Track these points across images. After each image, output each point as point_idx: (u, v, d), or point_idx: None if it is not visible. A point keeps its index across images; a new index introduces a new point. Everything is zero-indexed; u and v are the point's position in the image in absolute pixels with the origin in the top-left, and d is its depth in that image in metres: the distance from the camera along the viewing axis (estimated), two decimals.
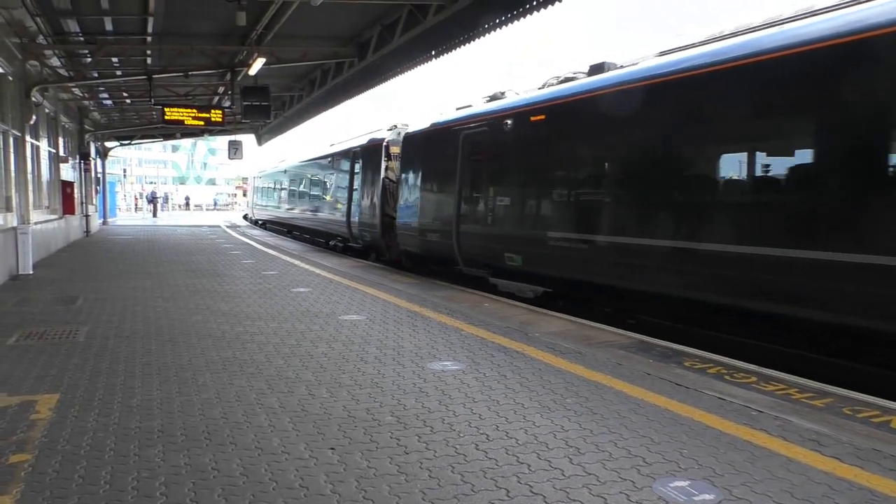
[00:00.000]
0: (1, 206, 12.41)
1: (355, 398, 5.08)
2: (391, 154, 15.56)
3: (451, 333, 7.43)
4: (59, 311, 8.79)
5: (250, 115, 18.11)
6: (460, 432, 4.39)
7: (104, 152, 32.64)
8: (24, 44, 14.12)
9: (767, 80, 6.52)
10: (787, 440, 4.22)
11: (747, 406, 4.87)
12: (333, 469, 3.80)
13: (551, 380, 5.61)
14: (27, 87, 14.53)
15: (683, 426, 4.48)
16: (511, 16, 11.30)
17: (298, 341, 7.00)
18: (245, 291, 10.51)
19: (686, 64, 7.57)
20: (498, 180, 10.80)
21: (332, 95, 20.57)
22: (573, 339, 7.15)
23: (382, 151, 15.84)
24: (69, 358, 6.26)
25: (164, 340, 7.04)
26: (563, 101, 9.51)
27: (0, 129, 12.71)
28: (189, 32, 15.35)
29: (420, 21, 12.92)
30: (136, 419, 4.59)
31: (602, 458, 3.96)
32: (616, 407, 4.89)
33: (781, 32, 6.57)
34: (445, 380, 5.59)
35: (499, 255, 10.57)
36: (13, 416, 4.64)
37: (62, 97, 20.73)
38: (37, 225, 14.83)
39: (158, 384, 5.43)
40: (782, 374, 5.75)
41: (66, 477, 3.67)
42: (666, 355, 6.44)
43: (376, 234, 15.86)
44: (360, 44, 16.17)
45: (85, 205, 24.57)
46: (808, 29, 6.26)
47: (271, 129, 31.42)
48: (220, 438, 4.25)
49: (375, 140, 16.55)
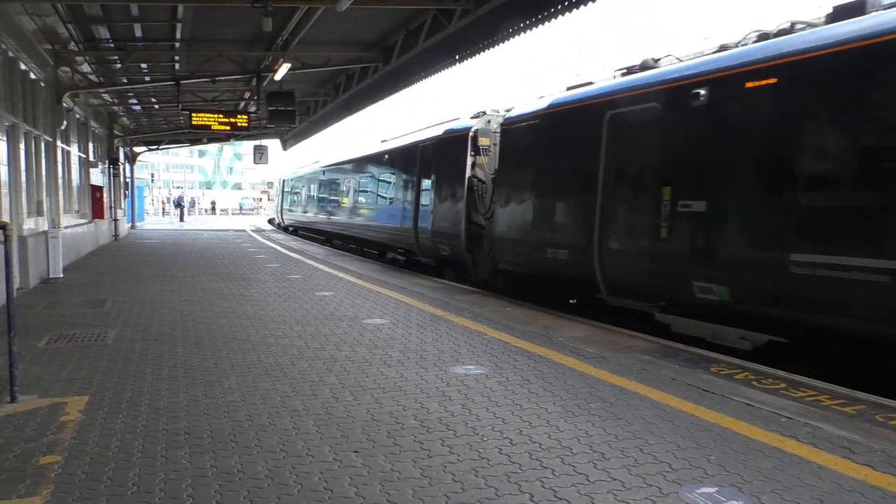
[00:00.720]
0: (32, 211, 12.66)
1: (379, 401, 5.09)
2: (479, 147, 12.55)
3: (474, 337, 7.42)
4: (88, 314, 8.93)
5: (275, 120, 18.29)
6: (483, 436, 4.37)
7: (132, 157, 33.14)
8: (56, 50, 14.43)
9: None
10: (817, 447, 4.15)
11: (776, 412, 4.79)
12: (357, 472, 3.81)
13: (575, 384, 5.57)
14: (58, 93, 14.83)
15: (710, 432, 4.42)
16: (536, 19, 11.23)
17: (322, 344, 7.03)
18: (270, 295, 10.59)
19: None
20: (683, 175, 7.62)
21: (357, 100, 20.68)
22: (597, 344, 7.10)
23: (468, 144, 12.64)
24: (98, 361, 6.35)
25: (191, 343, 7.11)
26: (815, 54, 6.29)
27: (32, 134, 12.97)
28: (216, 38, 15.56)
29: (444, 26, 12.95)
30: (163, 421, 4.64)
31: (627, 464, 3.92)
32: (641, 412, 4.84)
33: None
34: (468, 384, 5.58)
35: (681, 281, 7.43)
36: (44, 417, 4.72)
37: (92, 103, 21.10)
38: (67, 229, 15.10)
39: (185, 387, 5.49)
40: (812, 381, 5.66)
41: (94, 478, 3.71)
42: (692, 361, 6.36)
43: (458, 247, 12.77)
44: (385, 48, 16.25)
45: (114, 209, 24.96)
46: None
47: (296, 133, 31.68)
48: (246, 441, 4.28)
49: (456, 131, 13.48)
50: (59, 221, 14.55)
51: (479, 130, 12.62)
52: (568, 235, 9.52)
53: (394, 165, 17.01)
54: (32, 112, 13.08)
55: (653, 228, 7.84)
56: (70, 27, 13.79)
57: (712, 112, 7.25)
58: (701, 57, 7.94)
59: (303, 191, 30.18)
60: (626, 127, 8.49)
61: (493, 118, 12.57)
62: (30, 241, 11.44)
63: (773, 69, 6.62)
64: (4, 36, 10.64)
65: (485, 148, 12.37)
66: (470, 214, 12.44)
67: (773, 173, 6.63)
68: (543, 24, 11.21)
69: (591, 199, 8.83)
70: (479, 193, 12.41)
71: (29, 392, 5.27)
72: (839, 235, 5.92)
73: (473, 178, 12.50)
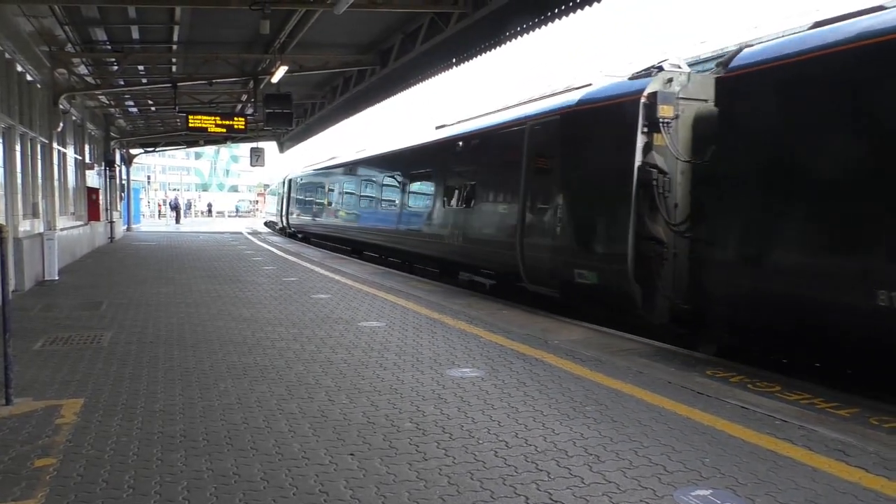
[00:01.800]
0: (28, 213, 12.63)
1: (374, 404, 5.10)
2: (660, 119, 7.93)
3: (470, 340, 7.42)
4: (83, 316, 8.92)
5: (273, 123, 18.30)
6: (479, 439, 4.38)
7: (129, 159, 33.10)
8: (53, 52, 14.42)
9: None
10: (811, 450, 4.16)
11: (771, 415, 4.80)
12: (353, 475, 3.81)
13: (571, 387, 5.58)
14: (55, 95, 14.81)
15: (705, 435, 4.44)
16: (536, 22, 11.21)
17: (318, 347, 7.03)
18: (266, 298, 10.59)
19: None
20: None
21: (354, 103, 20.69)
22: (593, 347, 7.11)
23: (637, 115, 8.07)
24: (94, 363, 6.34)
25: (187, 346, 7.11)
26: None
27: (28, 136, 12.95)
28: (214, 41, 15.56)
29: (442, 29, 12.97)
30: (158, 424, 4.64)
31: (622, 466, 3.93)
32: (636, 415, 4.85)
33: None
34: (464, 387, 5.58)
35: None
36: (39, 420, 4.71)
37: (89, 105, 21.07)
38: (63, 231, 15.07)
39: (181, 389, 5.49)
40: (806, 384, 5.68)
41: (90, 481, 3.71)
42: (688, 364, 6.38)
43: (618, 274, 8.25)
44: (382, 51, 16.27)
45: (110, 211, 24.91)
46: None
47: (293, 136, 31.68)
48: (242, 444, 4.28)
49: (609, 96, 8.92)
50: (55, 223, 14.52)
51: (661, 95, 7.99)
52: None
53: (472, 156, 12.86)
54: (29, 114, 13.06)
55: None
56: (67, 29, 13.77)
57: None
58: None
59: (319, 191, 25.94)
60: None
61: (677, 75, 8.16)
62: (25, 244, 11.42)
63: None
64: (1, 37, 10.63)
65: (665, 121, 7.93)
66: (642, 224, 8.04)
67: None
68: (543, 26, 11.20)
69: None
70: (659, 191, 7.93)
71: (24, 394, 5.26)
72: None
73: (647, 169, 8.01)
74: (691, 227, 7.60)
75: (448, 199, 13.59)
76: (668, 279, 7.86)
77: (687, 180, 7.92)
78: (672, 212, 7.89)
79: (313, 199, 27.23)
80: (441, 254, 13.82)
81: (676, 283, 7.80)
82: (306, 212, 28.53)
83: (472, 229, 12.35)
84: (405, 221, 16.11)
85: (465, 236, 12.55)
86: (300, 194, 30.01)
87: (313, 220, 26.98)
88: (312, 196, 27.46)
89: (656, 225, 7.97)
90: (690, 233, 7.58)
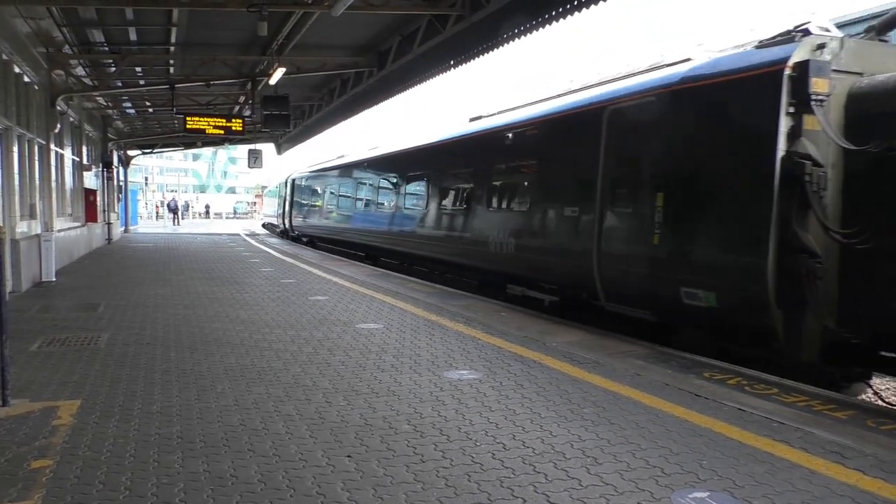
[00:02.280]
0: (25, 214, 12.61)
1: (372, 406, 5.09)
2: (812, 96, 6.18)
3: (468, 342, 7.42)
4: (80, 317, 8.90)
5: (270, 125, 18.28)
6: (477, 441, 4.37)
7: (126, 161, 33.09)
8: (51, 53, 14.41)
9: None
10: (808, 452, 4.16)
11: (768, 417, 4.81)
12: (350, 477, 3.80)
13: (568, 389, 5.58)
14: (52, 96, 14.80)
15: (703, 437, 4.44)
16: (534, 24, 11.24)
17: (316, 349, 7.02)
18: (263, 299, 10.58)
19: None
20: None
21: (352, 105, 20.72)
22: (591, 349, 7.11)
23: (782, 91, 6.34)
24: (90, 364, 6.33)
25: (184, 347, 7.10)
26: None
27: (25, 137, 12.93)
28: (211, 42, 15.58)
29: (440, 31, 12.99)
30: (155, 425, 4.63)
31: (620, 469, 3.93)
32: (634, 417, 4.86)
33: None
34: (462, 389, 5.58)
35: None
36: (35, 421, 4.70)
37: (86, 106, 21.05)
38: (60, 232, 15.05)
39: (178, 391, 5.48)
40: (804, 386, 5.68)
41: (86, 483, 3.70)
42: (685, 366, 6.38)
43: (753, 296, 6.41)
44: (380, 53, 16.30)
45: (107, 213, 24.90)
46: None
47: (291, 138, 31.70)
48: (239, 445, 4.27)
49: (742, 68, 6.96)
50: (52, 225, 14.50)
51: (810, 64, 6.18)
52: None
53: (525, 149, 10.89)
54: (26, 115, 13.04)
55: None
56: (64, 30, 13.77)
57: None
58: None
59: (326, 192, 23.95)
60: None
61: (828, 40, 6.44)
62: (22, 245, 11.40)
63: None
64: None
65: (819, 99, 6.18)
66: (788, 231, 6.21)
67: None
68: (541, 28, 11.24)
69: None
70: (813, 189, 6.13)
71: (21, 396, 5.24)
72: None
73: (799, 160, 6.18)
74: (866, 235, 5.73)
75: (493, 199, 11.54)
76: (822, 303, 6.05)
77: (839, 174, 6.20)
78: (826, 213, 6.13)
79: (320, 200, 25.02)
80: (484, 263, 11.63)
81: (832, 308, 6.11)
82: (312, 214, 26.42)
83: (528, 235, 10.22)
84: (436, 225, 13.85)
85: (518, 243, 10.43)
86: (304, 195, 28.12)
87: (320, 222, 24.79)
88: (319, 197, 25.26)
89: (807, 232, 6.12)
90: (868, 241, 5.71)
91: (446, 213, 13.45)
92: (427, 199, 14.61)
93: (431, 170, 14.57)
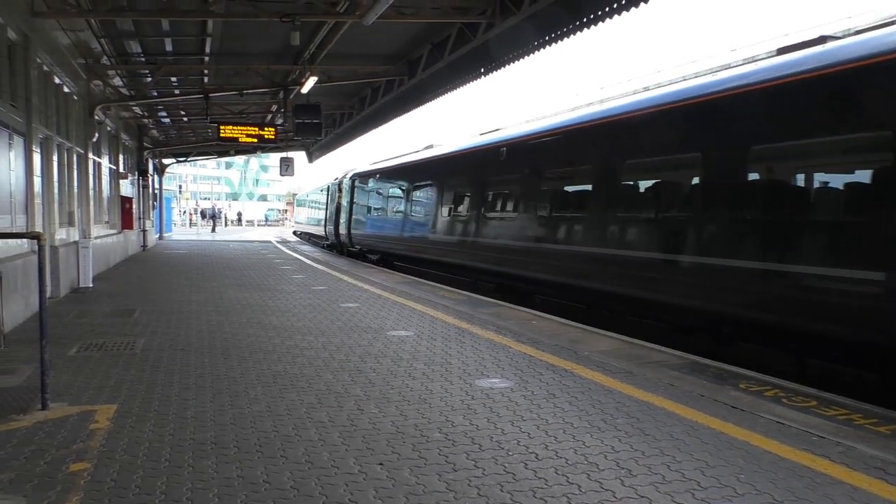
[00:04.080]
0: (64, 221, 12.88)
1: (403, 414, 5.09)
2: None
3: (499, 350, 7.39)
4: (117, 323, 9.05)
5: (302, 133, 18.52)
6: (509, 451, 4.34)
7: (161, 169, 33.65)
8: (89, 64, 14.74)
9: None
10: (850, 467, 4.06)
11: (807, 431, 4.70)
12: (382, 484, 3.80)
13: (601, 399, 5.52)
14: (90, 106, 15.14)
15: (740, 450, 4.35)
16: (567, 30, 11.20)
17: (347, 356, 7.05)
18: (295, 306, 10.65)
19: None
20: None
21: (382, 113, 20.85)
22: (624, 359, 7.03)
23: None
24: (127, 369, 6.43)
25: (217, 353, 7.17)
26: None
27: (65, 146, 13.23)
28: (245, 52, 15.80)
29: (470, 39, 13.03)
30: (190, 430, 4.68)
31: (655, 481, 3.87)
32: (669, 428, 4.78)
33: None
34: (493, 397, 5.55)
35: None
36: (74, 425, 4.78)
37: (123, 115, 21.48)
38: (97, 239, 15.35)
39: (211, 396, 5.53)
40: (844, 399, 5.54)
41: (123, 486, 3.75)
42: (720, 377, 6.27)
43: None
44: (411, 62, 16.38)
45: (142, 220, 25.33)
46: None
47: (322, 146, 31.98)
48: (272, 451, 4.29)
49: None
50: (90, 232, 14.79)
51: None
52: None
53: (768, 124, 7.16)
54: (65, 125, 13.34)
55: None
56: (103, 42, 14.09)
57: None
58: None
59: (418, 194, 17.73)
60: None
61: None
62: (61, 251, 11.64)
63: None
64: (40, 51, 10.88)
65: None
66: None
67: None
68: (574, 34, 11.18)
69: None
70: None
71: (59, 399, 5.35)
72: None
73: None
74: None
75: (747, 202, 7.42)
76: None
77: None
78: None
79: (404, 205, 18.57)
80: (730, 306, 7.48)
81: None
82: (389, 223, 19.78)
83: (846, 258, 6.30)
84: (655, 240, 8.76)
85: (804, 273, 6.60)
86: (374, 198, 21.63)
87: (404, 233, 18.33)
88: (403, 201, 18.78)
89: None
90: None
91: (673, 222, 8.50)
92: (647, 202, 9.15)
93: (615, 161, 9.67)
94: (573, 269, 10.37)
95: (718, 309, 7.64)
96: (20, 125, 9.81)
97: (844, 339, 6.36)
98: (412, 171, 18.53)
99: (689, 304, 8.08)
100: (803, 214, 6.87)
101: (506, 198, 13.03)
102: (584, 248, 10.20)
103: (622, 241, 9.33)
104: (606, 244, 9.58)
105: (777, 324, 6.96)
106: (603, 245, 9.64)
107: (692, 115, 8.38)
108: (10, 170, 9.38)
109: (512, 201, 12.68)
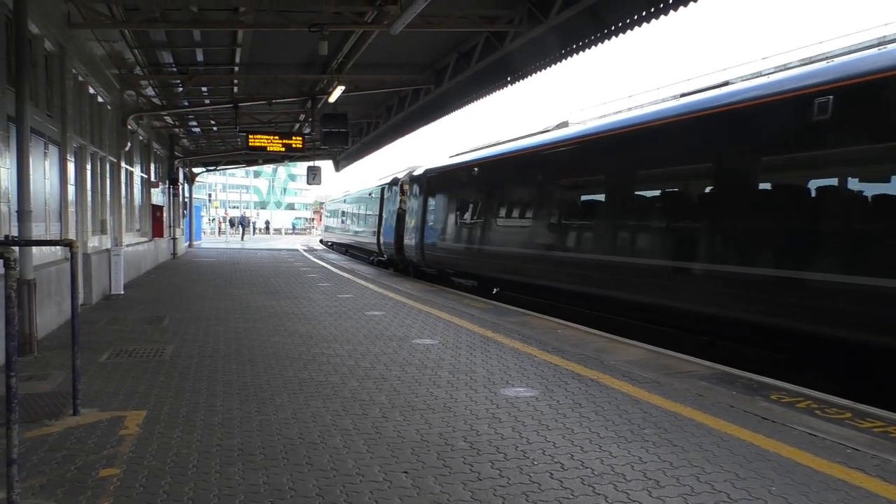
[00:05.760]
0: (96, 229, 13.10)
1: (428, 422, 5.07)
2: None
3: (524, 359, 7.34)
4: (147, 330, 9.17)
5: (329, 142, 18.64)
6: (534, 460, 4.31)
7: (191, 177, 34.13)
8: (122, 74, 15.03)
9: None
10: (886, 481, 3.95)
11: (841, 443, 4.59)
12: (407, 493, 3.79)
13: (628, 409, 5.46)
14: (123, 116, 15.43)
15: (771, 462, 4.27)
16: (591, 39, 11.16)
17: (372, 364, 7.06)
18: (321, 314, 10.71)
19: None
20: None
21: (409, 122, 20.93)
22: (651, 368, 6.95)
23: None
24: (156, 376, 6.51)
25: (244, 360, 7.23)
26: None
27: (98, 155, 13.47)
28: (273, 62, 15.98)
29: (497, 48, 13.03)
30: (217, 437, 4.72)
31: (683, 493, 3.81)
32: (697, 440, 4.71)
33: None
34: (519, 406, 5.52)
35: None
36: (104, 431, 4.85)
37: (154, 125, 21.83)
38: (128, 247, 15.59)
39: (239, 403, 5.57)
40: (879, 411, 5.42)
41: (151, 492, 3.78)
42: (750, 388, 6.17)
43: None
44: (437, 71, 16.43)
45: (173, 228, 25.67)
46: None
47: (349, 154, 32.20)
48: (297, 458, 4.31)
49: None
50: (122, 239, 15.03)
51: None
52: None
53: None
54: (99, 134, 13.60)
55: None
56: (136, 52, 14.35)
57: None
58: None
59: (558, 195, 11.99)
60: None
61: None
62: (94, 259, 11.85)
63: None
64: (75, 61, 11.11)
65: None
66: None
67: None
68: (600, 43, 11.14)
69: None
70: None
71: (90, 405, 5.42)
72: None
73: None
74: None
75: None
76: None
77: None
78: None
79: (534, 209, 12.66)
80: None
81: None
82: (500, 236, 13.96)
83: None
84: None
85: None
86: (461, 203, 16.10)
87: (516, 249, 13.12)
88: (529, 205, 12.92)
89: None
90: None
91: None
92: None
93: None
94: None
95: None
96: (55, 134, 10.02)
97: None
98: (549, 160, 12.44)
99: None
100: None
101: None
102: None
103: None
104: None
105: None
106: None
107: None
108: (45, 178, 9.57)
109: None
